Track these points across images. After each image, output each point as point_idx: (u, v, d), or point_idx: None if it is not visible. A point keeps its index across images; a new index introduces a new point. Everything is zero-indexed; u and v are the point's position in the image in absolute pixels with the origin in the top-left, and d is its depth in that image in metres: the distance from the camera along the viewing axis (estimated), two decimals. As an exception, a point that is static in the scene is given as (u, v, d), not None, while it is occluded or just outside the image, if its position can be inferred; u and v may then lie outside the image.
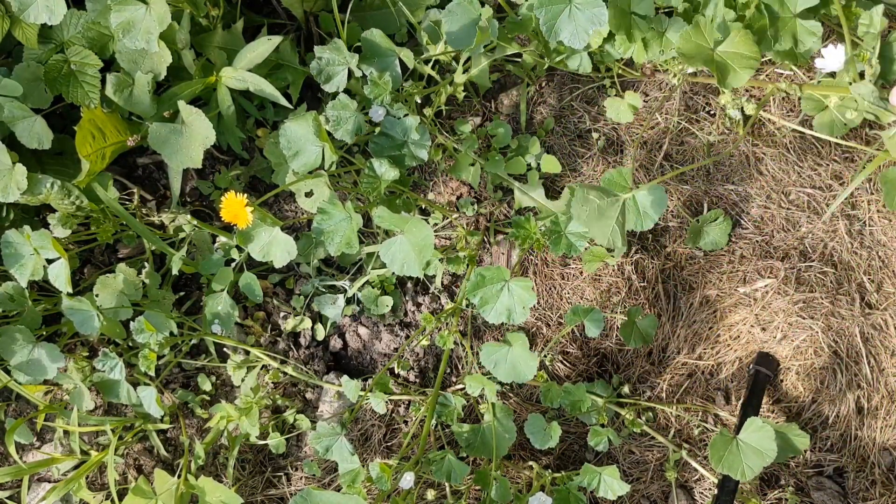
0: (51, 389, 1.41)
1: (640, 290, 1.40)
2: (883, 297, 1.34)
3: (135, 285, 1.31)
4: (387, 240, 1.17)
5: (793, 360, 1.35)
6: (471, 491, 1.34)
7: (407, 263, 1.15)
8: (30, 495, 1.38)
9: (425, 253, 1.13)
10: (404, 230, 1.14)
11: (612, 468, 1.21)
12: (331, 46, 1.29)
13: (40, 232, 1.20)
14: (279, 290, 1.49)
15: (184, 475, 1.29)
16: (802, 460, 1.35)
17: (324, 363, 1.46)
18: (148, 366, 1.28)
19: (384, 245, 1.16)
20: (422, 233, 1.12)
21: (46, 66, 1.18)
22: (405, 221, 1.15)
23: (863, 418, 1.34)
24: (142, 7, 1.13)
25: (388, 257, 1.15)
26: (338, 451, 1.28)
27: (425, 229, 1.12)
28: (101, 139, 1.20)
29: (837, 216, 1.36)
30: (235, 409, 1.37)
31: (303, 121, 1.22)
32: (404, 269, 1.15)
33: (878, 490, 1.31)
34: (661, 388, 1.40)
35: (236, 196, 1.15)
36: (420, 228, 1.12)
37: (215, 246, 1.40)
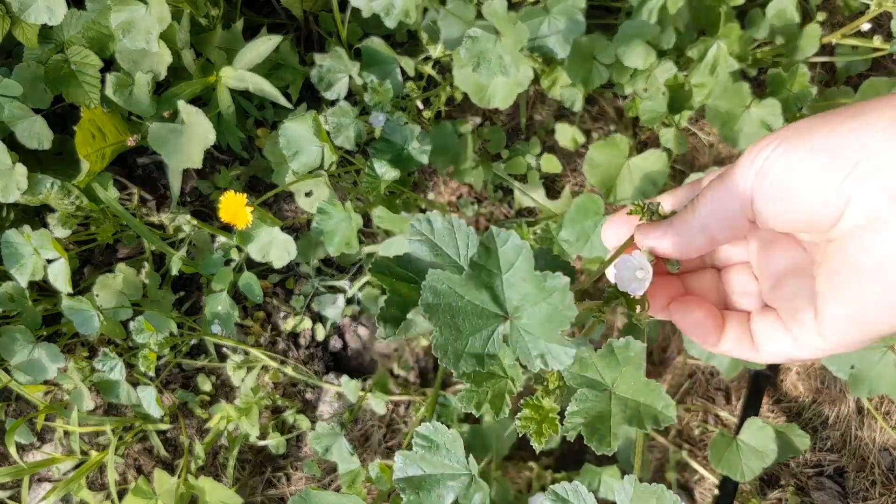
0: (51, 389, 1.41)
1: (640, 290, 1.40)
2: (883, 297, 1.34)
3: (135, 285, 1.31)
4: (387, 240, 1.16)
5: (793, 361, 1.36)
6: (471, 491, 1.34)
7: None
8: (30, 495, 1.38)
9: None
10: (404, 230, 1.14)
11: (613, 468, 1.21)
12: (332, 54, 1.29)
13: (40, 232, 1.20)
14: (279, 290, 1.49)
15: (184, 475, 1.29)
16: (802, 460, 1.35)
17: (323, 363, 1.46)
18: (148, 366, 1.28)
19: (384, 245, 1.16)
20: (421, 233, 1.11)
21: (46, 66, 1.18)
22: (405, 221, 1.15)
23: (863, 418, 1.34)
24: (142, 7, 1.13)
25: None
26: (338, 451, 1.28)
27: (425, 229, 1.11)
28: (101, 139, 1.20)
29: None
30: (235, 409, 1.37)
31: (302, 121, 1.22)
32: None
33: (878, 490, 1.31)
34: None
35: (236, 195, 1.15)
36: (420, 228, 1.12)
37: (215, 246, 1.40)
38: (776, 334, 0.44)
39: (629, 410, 0.42)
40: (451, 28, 1.17)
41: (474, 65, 1.07)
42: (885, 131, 0.33)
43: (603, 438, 0.41)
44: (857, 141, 0.34)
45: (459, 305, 0.41)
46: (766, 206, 0.39)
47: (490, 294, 0.41)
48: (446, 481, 0.47)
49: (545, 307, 0.40)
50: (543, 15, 1.12)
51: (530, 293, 0.41)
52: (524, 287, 0.41)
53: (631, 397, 0.42)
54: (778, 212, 0.38)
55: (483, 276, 0.41)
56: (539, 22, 1.12)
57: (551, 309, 0.40)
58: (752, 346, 0.45)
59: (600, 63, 1.19)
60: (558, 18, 1.11)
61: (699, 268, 0.50)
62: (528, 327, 0.41)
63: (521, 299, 0.41)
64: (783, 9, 1.14)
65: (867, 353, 1.01)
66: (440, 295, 0.41)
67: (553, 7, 1.11)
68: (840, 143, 0.35)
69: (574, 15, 1.09)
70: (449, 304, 0.41)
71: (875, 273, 0.35)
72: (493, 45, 1.08)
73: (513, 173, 1.41)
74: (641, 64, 1.15)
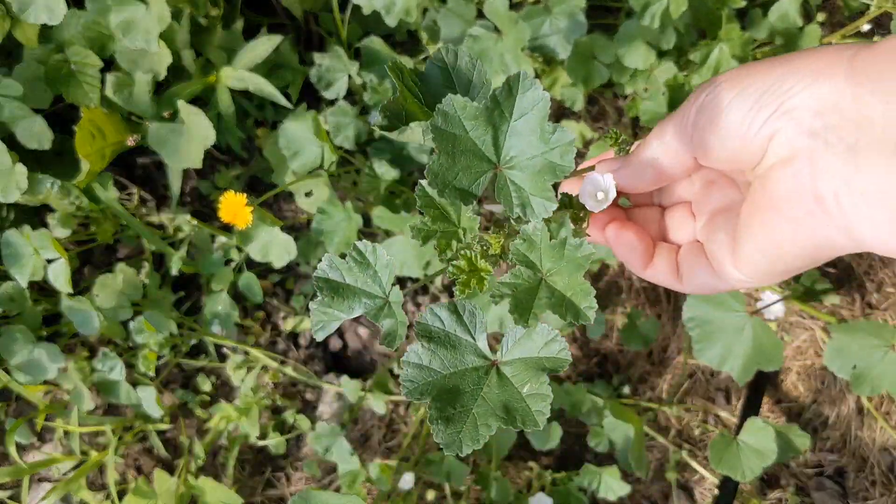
0: (51, 389, 1.41)
1: (641, 289, 1.40)
2: (883, 297, 1.34)
3: (135, 285, 1.31)
4: (387, 240, 1.16)
5: (793, 360, 1.35)
6: (471, 491, 1.34)
7: (407, 264, 1.15)
8: (30, 495, 1.38)
9: (425, 253, 1.13)
10: (404, 230, 1.14)
11: (613, 468, 1.21)
12: (331, 53, 1.29)
13: (40, 232, 1.19)
14: (279, 290, 1.49)
15: (183, 475, 1.29)
16: (802, 460, 1.35)
17: (323, 363, 1.46)
18: (148, 366, 1.28)
19: (384, 245, 1.16)
20: (422, 233, 1.12)
21: (46, 66, 1.18)
22: (405, 221, 1.15)
23: (863, 418, 1.34)
24: (141, 7, 1.13)
25: (387, 257, 1.15)
26: (337, 451, 1.28)
27: (425, 229, 1.12)
28: (100, 139, 1.20)
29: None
30: (235, 409, 1.37)
31: (302, 121, 1.22)
32: (404, 270, 1.15)
33: (878, 490, 1.31)
34: (662, 388, 1.40)
35: (236, 195, 1.15)
36: (420, 228, 1.12)
37: (215, 246, 1.40)
38: (699, 266, 0.46)
39: (555, 300, 0.43)
40: (452, 27, 1.17)
41: None
42: (811, 76, 0.35)
43: (524, 314, 0.43)
44: (785, 84, 0.36)
45: (462, 138, 0.42)
46: (703, 140, 0.41)
47: (492, 137, 0.43)
48: (361, 297, 0.47)
49: (540, 161, 0.42)
50: (545, 15, 1.12)
51: (532, 145, 0.42)
52: (528, 139, 0.42)
53: (560, 289, 0.44)
54: (713, 147, 0.41)
55: (495, 115, 0.42)
56: (540, 22, 1.12)
57: (547, 164, 0.42)
58: (677, 276, 0.48)
59: (601, 63, 1.19)
60: (560, 18, 1.11)
61: (646, 204, 0.52)
62: (515, 178, 0.43)
63: (520, 151, 0.43)
64: (785, 12, 1.14)
65: (869, 352, 1.01)
66: (450, 121, 0.42)
67: (555, 7, 1.11)
68: (770, 85, 0.37)
69: (575, 15, 1.10)
70: (454, 135, 0.42)
71: (787, 208, 0.37)
72: (495, 44, 1.08)
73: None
74: (642, 64, 1.15)
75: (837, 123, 0.34)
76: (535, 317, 0.43)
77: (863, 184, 0.33)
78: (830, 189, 0.35)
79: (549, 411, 0.43)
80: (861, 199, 0.34)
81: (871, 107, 0.33)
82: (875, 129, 0.33)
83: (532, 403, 0.43)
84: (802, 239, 0.37)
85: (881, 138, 0.33)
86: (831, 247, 0.37)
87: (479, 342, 0.46)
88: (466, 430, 0.43)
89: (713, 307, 1.04)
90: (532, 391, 0.43)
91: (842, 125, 0.34)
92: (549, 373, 0.44)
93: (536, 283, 0.44)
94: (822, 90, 0.35)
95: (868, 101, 0.33)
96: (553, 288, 0.44)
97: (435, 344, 0.45)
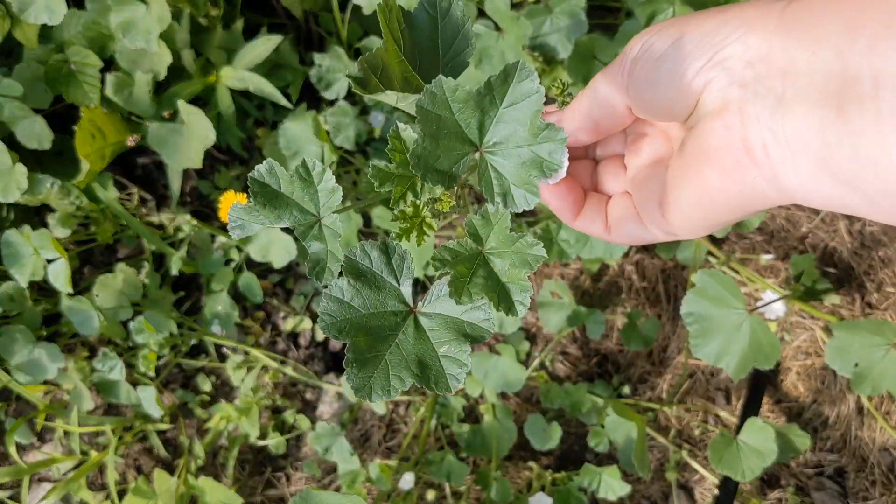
0: (51, 389, 1.41)
1: (641, 289, 1.40)
2: (883, 297, 1.34)
3: (135, 285, 1.31)
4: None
5: (793, 360, 1.35)
6: (471, 491, 1.34)
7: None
8: (30, 495, 1.38)
9: (425, 253, 1.13)
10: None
11: (613, 468, 1.21)
12: (331, 54, 1.29)
13: (40, 232, 1.20)
14: (279, 290, 1.49)
15: (183, 475, 1.29)
16: (803, 460, 1.35)
17: (323, 363, 1.46)
18: (148, 366, 1.28)
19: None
20: (421, 233, 1.11)
21: (46, 66, 1.18)
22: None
23: (863, 418, 1.34)
24: (141, 7, 1.13)
25: (387, 257, 1.15)
26: (338, 451, 1.28)
27: (425, 229, 1.12)
28: (100, 139, 1.20)
29: (838, 216, 1.36)
30: (235, 409, 1.37)
31: (302, 121, 1.22)
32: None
33: (878, 490, 1.31)
34: (662, 388, 1.40)
35: (236, 195, 1.15)
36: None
37: (215, 246, 1.40)
38: (626, 216, 0.47)
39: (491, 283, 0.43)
40: (452, 27, 1.16)
41: (476, 62, 1.07)
42: (743, 27, 0.36)
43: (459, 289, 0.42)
44: (719, 34, 0.36)
45: (447, 120, 0.42)
46: (638, 91, 0.41)
47: (478, 121, 0.42)
48: (293, 209, 0.46)
49: (527, 153, 0.42)
50: (546, 14, 1.12)
51: (519, 135, 0.42)
52: (516, 128, 0.42)
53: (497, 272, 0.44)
54: (647, 97, 0.41)
55: (486, 101, 0.41)
56: (541, 21, 1.12)
57: (534, 156, 0.41)
58: (605, 227, 0.48)
59: (601, 62, 1.19)
60: (561, 17, 1.11)
61: (580, 157, 0.52)
62: (498, 164, 0.42)
63: (505, 138, 0.42)
64: None
65: (870, 350, 1.01)
66: (437, 103, 0.41)
67: (556, 6, 1.11)
68: (703, 35, 0.37)
69: (576, 14, 1.09)
70: (439, 116, 0.41)
71: (717, 158, 0.37)
72: (496, 42, 1.08)
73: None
74: (641, 64, 1.15)
75: (767, 74, 0.34)
76: (469, 295, 0.42)
77: (788, 134, 0.34)
78: (759, 139, 0.35)
79: (463, 379, 0.42)
80: (787, 150, 0.34)
81: (798, 57, 0.33)
82: (801, 79, 0.33)
83: (447, 366, 0.43)
84: (732, 189, 0.37)
85: (806, 88, 0.33)
86: (760, 198, 0.37)
87: (403, 287, 0.45)
88: (378, 377, 0.42)
89: (712, 303, 1.04)
90: (449, 353, 0.43)
91: (771, 75, 0.34)
92: (471, 341, 0.43)
93: (475, 259, 0.44)
94: (754, 40, 0.35)
95: (795, 52, 0.33)
96: (491, 269, 0.44)
97: (360, 283, 0.44)
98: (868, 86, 0.31)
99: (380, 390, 0.42)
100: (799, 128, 0.33)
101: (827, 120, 0.32)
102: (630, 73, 0.41)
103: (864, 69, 0.31)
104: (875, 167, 0.31)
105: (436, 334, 0.44)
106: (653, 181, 0.44)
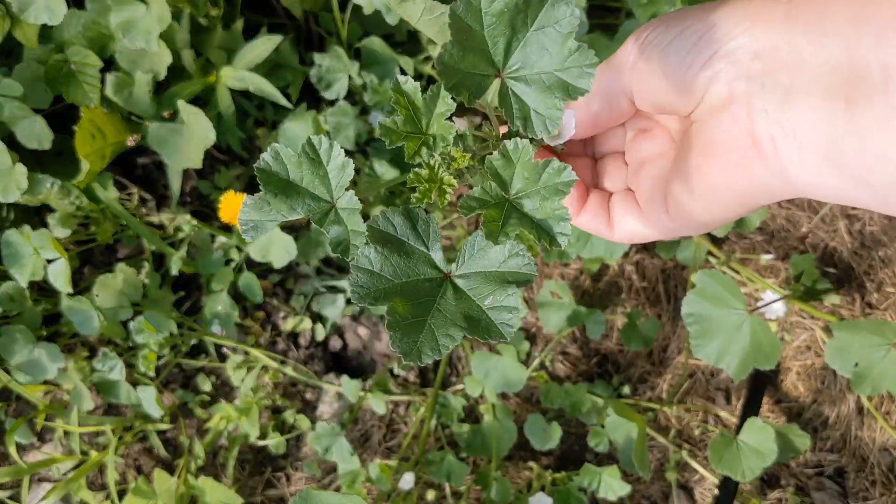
0: (51, 389, 1.41)
1: (641, 289, 1.40)
2: (883, 297, 1.34)
3: (135, 285, 1.31)
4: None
5: (793, 360, 1.35)
6: (471, 491, 1.34)
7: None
8: (30, 495, 1.38)
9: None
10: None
11: (613, 468, 1.21)
12: (331, 54, 1.29)
13: (40, 232, 1.20)
14: (279, 290, 1.49)
15: (183, 475, 1.29)
16: (803, 460, 1.35)
17: (323, 363, 1.46)
18: (148, 366, 1.28)
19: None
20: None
21: (46, 66, 1.18)
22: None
23: (863, 418, 1.34)
24: (141, 7, 1.13)
25: (387, 257, 1.15)
26: (338, 451, 1.28)
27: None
28: (100, 139, 1.20)
29: (838, 216, 1.36)
30: (235, 409, 1.37)
31: (302, 121, 1.22)
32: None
33: (878, 490, 1.31)
34: (662, 388, 1.40)
35: (236, 195, 1.15)
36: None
37: (215, 246, 1.40)
38: (629, 213, 0.46)
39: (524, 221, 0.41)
40: (452, 27, 1.16)
41: None
42: (749, 19, 0.35)
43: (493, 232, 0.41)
44: (724, 27, 0.36)
45: (477, 34, 0.40)
46: (641, 83, 0.40)
47: (506, 41, 0.40)
48: (305, 198, 0.44)
49: (553, 78, 0.40)
50: (544, 14, 1.11)
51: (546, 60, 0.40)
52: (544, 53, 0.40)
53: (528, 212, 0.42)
54: (652, 89, 0.40)
55: (518, 19, 0.40)
56: None
57: (560, 81, 0.40)
58: (608, 224, 0.47)
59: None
60: None
61: (580, 155, 0.52)
62: (519, 90, 0.41)
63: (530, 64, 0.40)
64: None
65: (870, 350, 1.01)
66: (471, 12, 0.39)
67: (554, 7, 1.10)
68: (709, 26, 0.36)
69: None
70: (470, 27, 0.40)
71: (724, 152, 0.37)
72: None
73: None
74: (641, 64, 1.15)
75: (774, 66, 0.34)
76: (507, 236, 0.41)
77: (795, 127, 0.34)
78: (767, 132, 0.35)
79: (517, 324, 0.41)
80: (794, 143, 0.34)
81: (805, 50, 0.33)
82: (807, 72, 0.33)
83: (495, 316, 0.41)
84: (738, 182, 0.37)
85: (813, 81, 0.33)
86: (767, 191, 0.37)
87: (433, 253, 0.43)
88: (425, 340, 0.40)
89: (713, 304, 1.04)
90: (495, 303, 0.41)
91: (778, 68, 0.34)
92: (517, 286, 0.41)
93: (503, 205, 0.42)
94: (760, 33, 0.35)
95: (802, 44, 0.33)
96: (522, 212, 0.42)
97: (388, 249, 0.42)
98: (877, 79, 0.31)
99: (429, 351, 0.40)
100: (806, 121, 0.33)
101: (835, 113, 0.32)
102: (634, 66, 0.40)
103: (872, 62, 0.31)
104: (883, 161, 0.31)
105: (476, 291, 0.42)
106: (655, 177, 0.44)
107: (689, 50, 0.37)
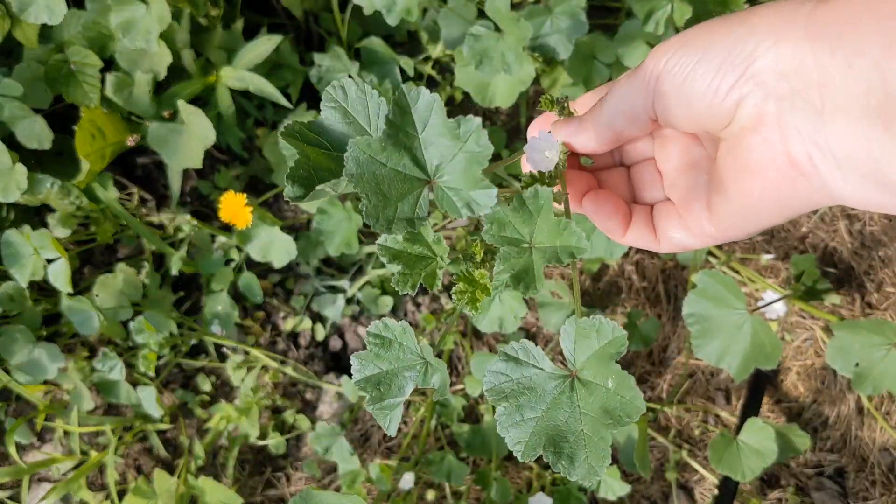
0: (51, 389, 1.41)
1: (641, 289, 1.40)
2: (883, 297, 1.34)
3: (135, 285, 1.31)
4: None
5: (793, 360, 1.35)
6: (471, 491, 1.34)
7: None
8: (30, 495, 1.38)
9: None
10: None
11: (613, 468, 1.21)
12: (331, 54, 1.29)
13: (40, 232, 1.19)
14: (279, 290, 1.49)
15: (183, 475, 1.29)
16: (802, 460, 1.35)
17: (323, 363, 1.46)
18: (148, 366, 1.28)
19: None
20: (421, 233, 1.12)
21: (46, 66, 1.18)
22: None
23: (863, 418, 1.34)
24: (141, 7, 1.13)
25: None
26: (338, 451, 1.28)
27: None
28: (100, 139, 1.20)
29: (838, 216, 1.36)
30: (235, 409, 1.37)
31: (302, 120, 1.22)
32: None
33: (878, 490, 1.31)
34: (662, 388, 1.40)
35: (236, 195, 1.15)
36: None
37: (215, 246, 1.40)
38: (673, 224, 0.46)
39: (548, 254, 0.43)
40: (452, 27, 1.17)
41: (476, 62, 1.07)
42: (772, 37, 0.35)
43: (529, 284, 0.42)
44: (747, 45, 0.36)
45: (383, 173, 0.42)
46: (666, 105, 0.41)
47: (410, 157, 0.42)
48: (403, 372, 0.48)
49: (462, 157, 0.42)
50: (546, 14, 1.12)
51: (447, 147, 0.42)
52: (441, 143, 0.42)
53: (549, 245, 0.43)
54: (676, 112, 0.40)
55: (402, 137, 0.42)
56: (541, 21, 1.12)
57: (468, 156, 0.42)
58: (654, 237, 0.48)
59: (601, 63, 1.19)
60: (561, 18, 1.11)
61: (610, 165, 0.52)
62: (450, 183, 0.42)
63: (441, 157, 0.42)
64: None
65: (871, 350, 1.01)
66: (362, 165, 0.41)
67: (556, 7, 1.11)
68: (731, 47, 0.36)
69: (577, 15, 1.09)
70: (373, 173, 0.42)
71: (762, 172, 0.37)
72: (496, 43, 1.08)
73: (513, 173, 1.41)
74: (642, 64, 1.15)
75: (802, 86, 0.34)
76: (541, 279, 0.42)
77: (834, 148, 0.34)
78: (804, 152, 0.35)
79: (640, 394, 0.42)
80: (833, 161, 0.34)
81: (832, 70, 0.33)
82: (839, 92, 0.33)
83: (624, 392, 0.42)
84: (779, 200, 0.37)
85: (846, 101, 0.33)
86: (809, 203, 0.37)
87: (547, 367, 0.45)
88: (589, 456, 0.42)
89: (713, 304, 1.04)
90: (616, 381, 0.42)
91: (807, 88, 0.34)
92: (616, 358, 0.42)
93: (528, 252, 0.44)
94: (785, 51, 0.34)
95: (828, 65, 0.33)
96: (543, 248, 0.43)
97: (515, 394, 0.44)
98: None
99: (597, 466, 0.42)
100: (844, 141, 0.33)
101: (873, 134, 0.32)
102: (657, 91, 0.40)
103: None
104: None
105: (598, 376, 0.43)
106: (693, 188, 0.44)
107: (714, 74, 0.37)
